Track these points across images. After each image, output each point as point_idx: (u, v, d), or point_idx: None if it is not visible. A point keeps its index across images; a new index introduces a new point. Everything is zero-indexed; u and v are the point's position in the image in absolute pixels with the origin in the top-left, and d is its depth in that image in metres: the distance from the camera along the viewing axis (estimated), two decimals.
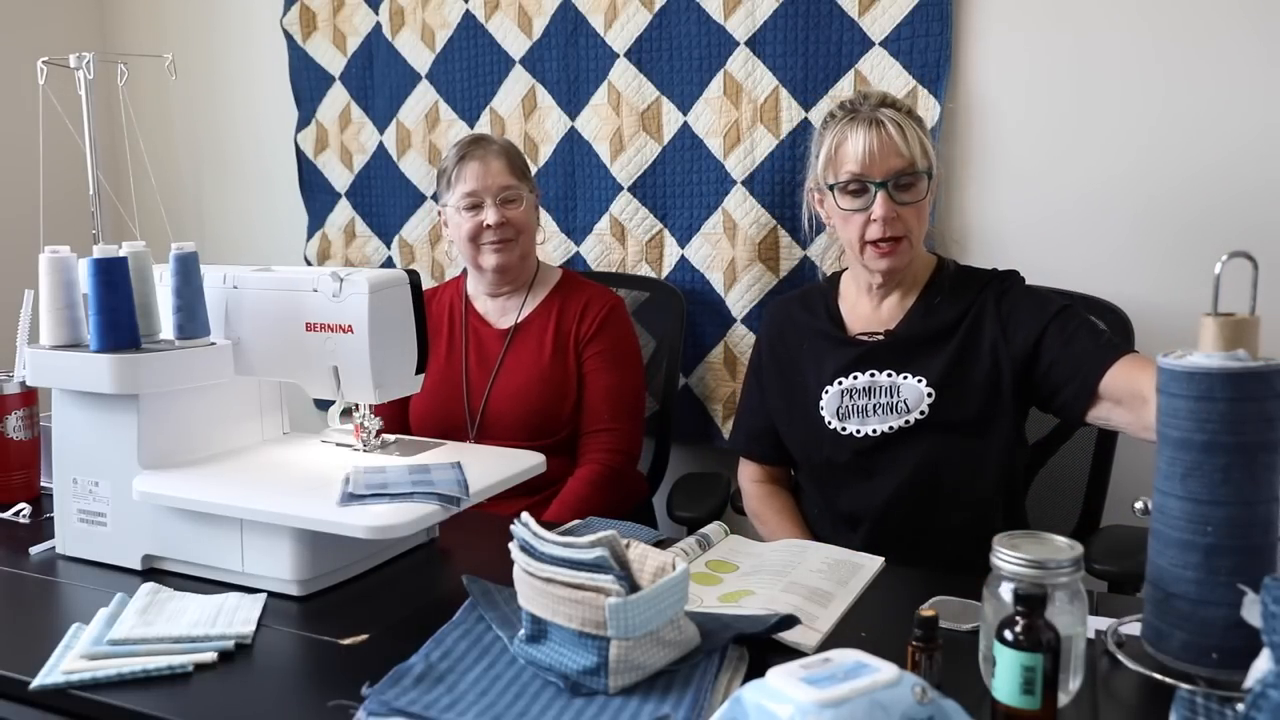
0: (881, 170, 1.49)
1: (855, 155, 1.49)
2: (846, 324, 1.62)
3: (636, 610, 0.94)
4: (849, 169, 1.50)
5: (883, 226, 1.49)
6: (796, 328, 1.66)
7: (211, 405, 1.39)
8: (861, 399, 1.54)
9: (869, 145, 1.48)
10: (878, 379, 1.54)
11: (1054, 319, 1.47)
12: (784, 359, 1.67)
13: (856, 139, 1.49)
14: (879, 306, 1.60)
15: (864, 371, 1.55)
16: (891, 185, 1.49)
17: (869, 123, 1.49)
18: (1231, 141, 1.77)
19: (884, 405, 1.53)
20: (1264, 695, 0.77)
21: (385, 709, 0.93)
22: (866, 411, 1.54)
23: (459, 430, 1.87)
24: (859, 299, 1.63)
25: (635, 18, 2.16)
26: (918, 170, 1.50)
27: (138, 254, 1.35)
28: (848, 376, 1.56)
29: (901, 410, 1.51)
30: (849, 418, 1.55)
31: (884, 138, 1.48)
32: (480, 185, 1.84)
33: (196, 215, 2.88)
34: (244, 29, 2.73)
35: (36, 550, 1.40)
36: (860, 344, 1.57)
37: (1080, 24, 1.85)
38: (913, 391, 1.51)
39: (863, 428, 1.53)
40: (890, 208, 1.49)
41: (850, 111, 1.53)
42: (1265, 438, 0.91)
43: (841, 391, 1.56)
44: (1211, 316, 0.93)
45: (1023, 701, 0.84)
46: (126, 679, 1.02)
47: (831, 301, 1.65)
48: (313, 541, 1.22)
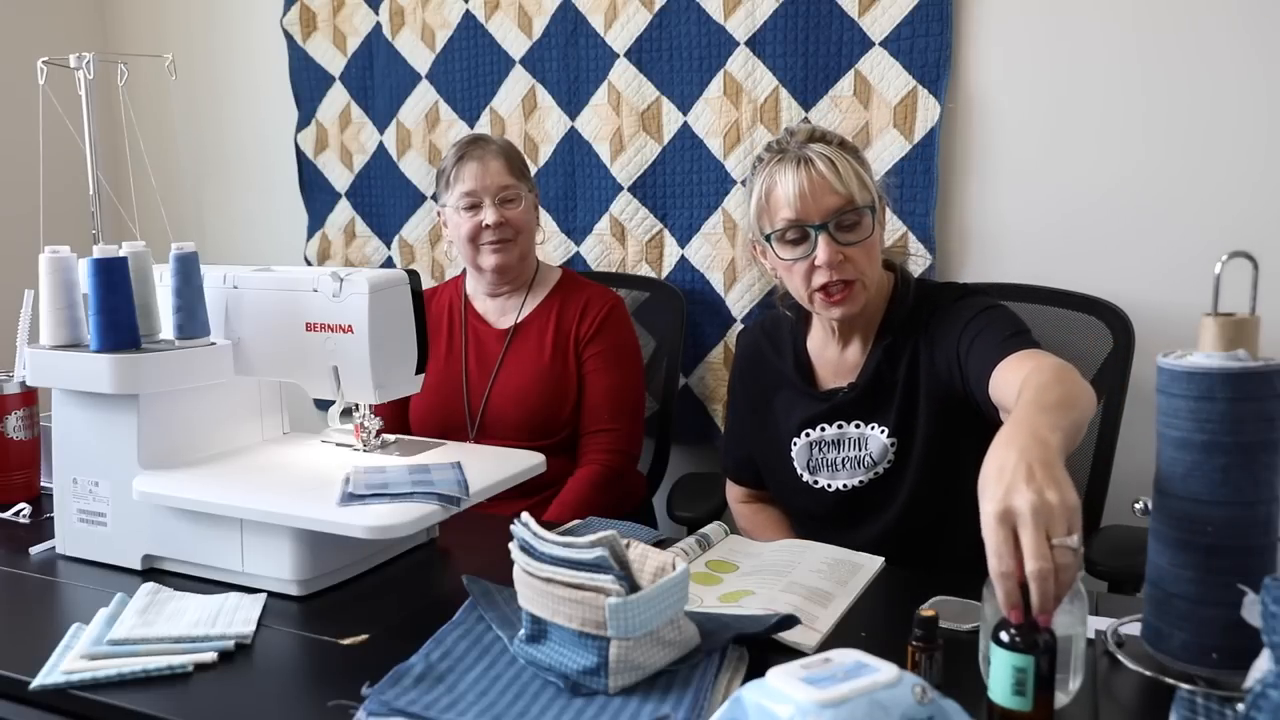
0: (819, 212, 1.37)
1: (787, 199, 1.38)
2: (816, 371, 1.55)
3: (636, 610, 0.94)
4: (784, 215, 1.39)
5: (829, 272, 1.38)
6: (766, 371, 1.60)
7: (211, 405, 1.39)
8: (830, 452, 1.49)
9: (800, 186, 1.37)
10: (845, 430, 1.49)
11: (963, 331, 1.38)
12: (756, 397, 1.61)
13: (786, 181, 1.38)
14: (844, 351, 1.52)
15: (831, 423, 1.50)
16: (833, 226, 1.38)
17: (797, 161, 1.39)
18: (1232, 141, 1.77)
19: (852, 459, 1.48)
20: (1264, 695, 0.77)
21: (385, 709, 0.93)
22: (836, 465, 1.49)
23: (459, 430, 1.87)
24: (826, 342, 1.54)
25: (635, 18, 2.16)
26: (858, 206, 1.39)
27: (138, 254, 1.35)
28: (815, 429, 1.51)
29: (868, 464, 1.47)
30: (819, 471, 1.51)
31: (814, 176, 1.37)
32: (479, 185, 1.84)
33: (196, 215, 2.88)
34: (244, 29, 2.73)
35: (36, 550, 1.40)
36: (827, 397, 1.51)
37: (1080, 24, 1.85)
38: (877, 444, 1.46)
39: (833, 482, 1.49)
40: (834, 251, 1.37)
41: (777, 152, 1.42)
42: (1265, 438, 0.91)
43: (810, 444, 1.51)
44: (1211, 316, 0.93)
45: (1014, 703, 0.85)
46: (126, 679, 1.02)
47: (800, 344, 1.57)
48: (313, 541, 1.22)
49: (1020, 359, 1.26)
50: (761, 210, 1.43)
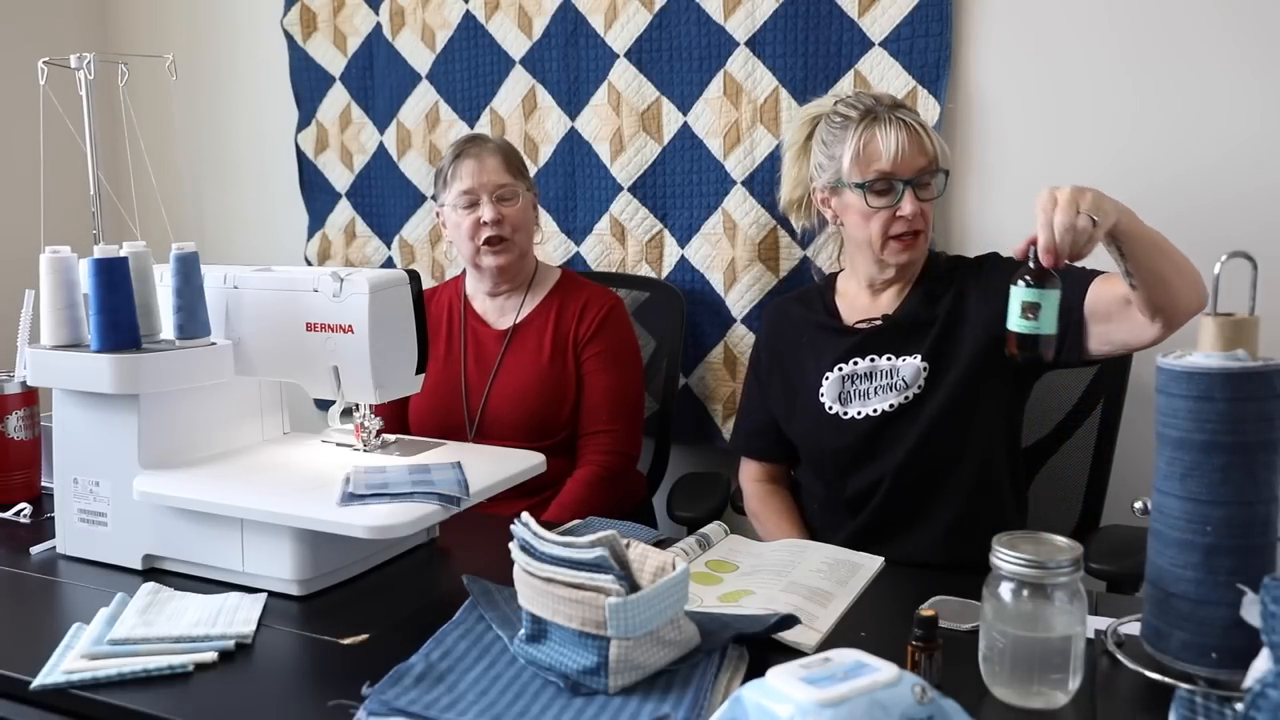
0: (909, 169, 1.53)
1: (887, 154, 1.53)
2: (844, 316, 1.65)
3: (636, 610, 0.94)
4: (878, 168, 1.53)
5: (907, 223, 1.54)
6: (794, 324, 1.69)
7: (212, 405, 1.39)
8: (863, 383, 1.57)
9: (901, 144, 1.52)
10: (877, 363, 1.57)
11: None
12: (783, 355, 1.69)
13: (887, 139, 1.53)
14: (875, 299, 1.63)
15: (864, 357, 1.58)
16: (916, 183, 1.54)
17: (894, 124, 1.54)
18: (1232, 141, 1.77)
19: (884, 386, 1.56)
20: (1263, 695, 0.77)
21: (385, 709, 0.93)
22: (868, 394, 1.57)
23: (458, 431, 1.87)
24: (858, 294, 1.65)
25: (635, 18, 2.16)
26: (938, 169, 1.56)
27: (138, 254, 1.35)
28: (848, 363, 1.59)
29: (900, 388, 1.54)
30: (850, 401, 1.58)
31: (911, 138, 1.53)
32: (476, 183, 1.85)
33: (196, 215, 2.88)
34: (244, 29, 2.73)
35: (37, 550, 1.40)
36: (858, 331, 1.61)
37: (1080, 24, 1.85)
38: (910, 369, 1.55)
39: (864, 409, 1.56)
40: (916, 205, 1.54)
41: (867, 113, 1.56)
42: (1265, 438, 0.91)
43: (842, 377, 1.59)
44: (1211, 316, 0.93)
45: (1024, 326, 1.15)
46: (127, 679, 1.02)
47: (829, 298, 1.68)
48: (313, 541, 1.22)
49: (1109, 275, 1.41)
50: (856, 160, 1.55)
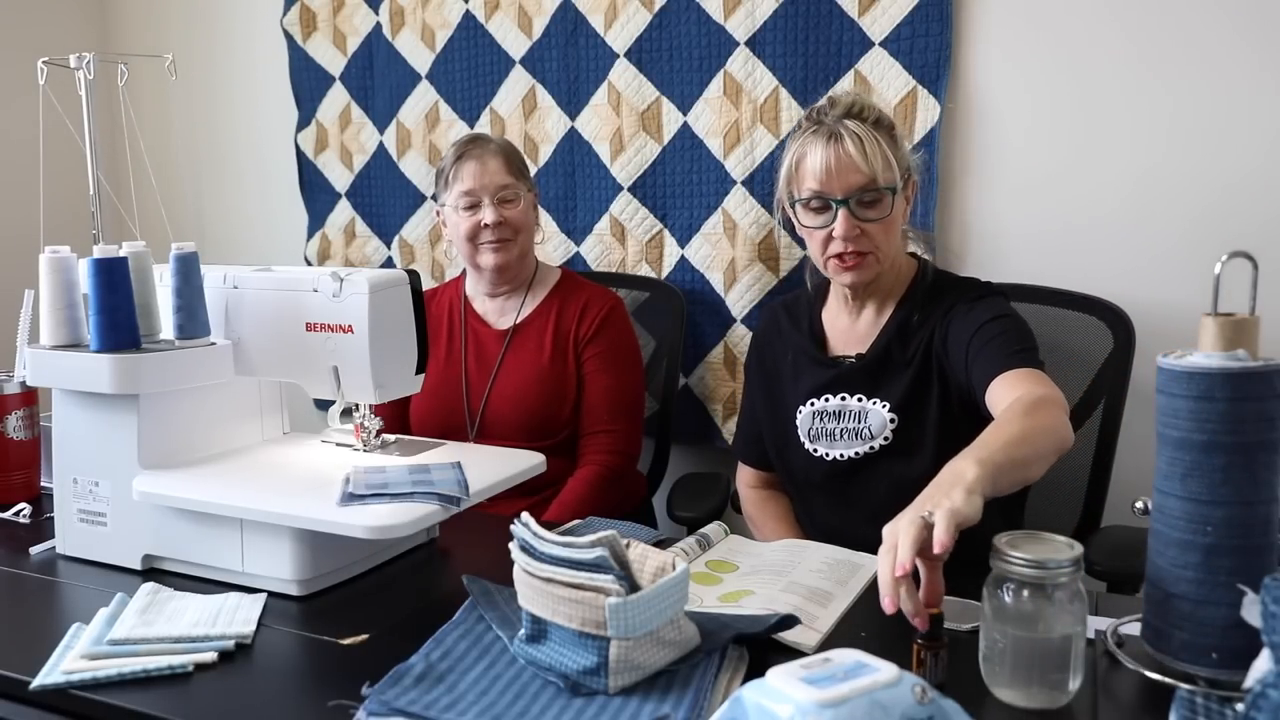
0: (841, 187, 1.43)
1: (814, 172, 1.45)
2: (828, 339, 1.60)
3: (636, 610, 0.94)
4: (809, 185, 1.46)
5: (844, 244, 1.45)
6: (782, 338, 1.65)
7: (211, 405, 1.39)
8: (831, 422, 1.53)
9: (826, 162, 1.43)
10: (848, 403, 1.52)
11: (976, 333, 1.42)
12: (769, 367, 1.66)
13: (815, 155, 1.44)
14: (857, 320, 1.57)
15: (835, 394, 1.53)
16: (854, 202, 1.44)
17: (829, 136, 1.44)
18: (1231, 141, 1.77)
19: (850, 431, 1.51)
20: (1264, 695, 0.77)
21: (385, 709, 0.93)
22: (834, 435, 1.53)
23: (459, 431, 1.87)
24: (840, 311, 1.60)
25: (635, 18, 2.16)
26: (879, 187, 1.44)
27: (138, 254, 1.35)
28: (820, 398, 1.55)
29: (865, 436, 1.50)
30: (819, 440, 1.54)
31: (841, 154, 1.43)
32: (477, 184, 1.84)
33: (196, 215, 2.88)
34: (244, 29, 2.73)
35: (36, 550, 1.40)
36: (834, 365, 1.56)
37: (1080, 24, 1.85)
38: (877, 418, 1.49)
39: (830, 451, 1.53)
40: (851, 225, 1.44)
41: (814, 123, 1.48)
42: (1265, 438, 0.91)
43: (814, 413, 1.55)
44: (1211, 316, 0.93)
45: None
46: (126, 679, 1.02)
47: (816, 313, 1.63)
48: (313, 541, 1.22)
49: (1017, 378, 1.31)
50: (790, 176, 1.50)
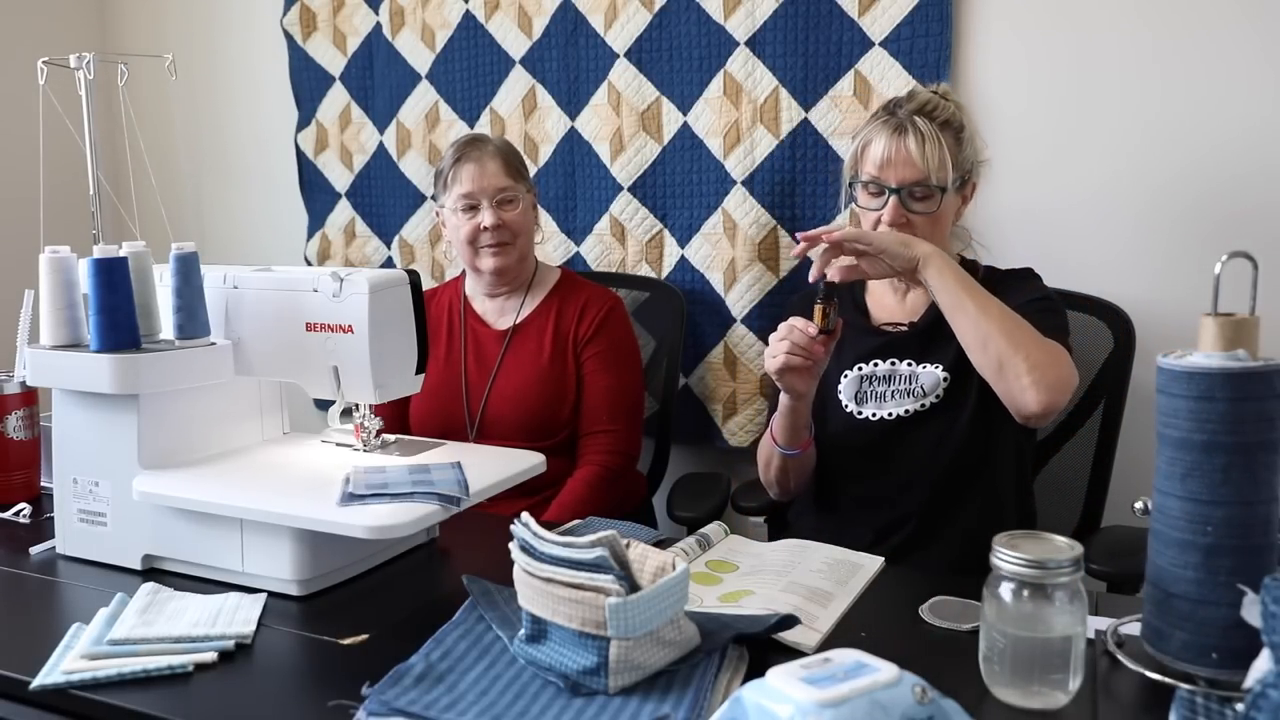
0: (896, 178, 1.51)
1: (874, 159, 1.53)
2: (871, 314, 1.64)
3: (636, 610, 0.94)
4: (869, 170, 1.54)
5: (891, 229, 1.51)
6: None
7: (211, 405, 1.39)
8: (880, 385, 1.57)
9: (886, 152, 1.51)
10: (898, 367, 1.56)
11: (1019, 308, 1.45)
12: None
13: (879, 143, 1.53)
14: (904, 300, 1.62)
15: (885, 360, 1.57)
16: (905, 194, 1.51)
17: (895, 128, 1.52)
18: (1231, 141, 1.77)
19: (901, 391, 1.55)
20: (1264, 695, 0.77)
21: (385, 709, 0.93)
22: (884, 397, 1.56)
23: (459, 432, 1.87)
24: (885, 292, 1.64)
25: (635, 18, 2.16)
26: (931, 184, 1.51)
27: (138, 254, 1.35)
28: (868, 363, 1.58)
29: (918, 395, 1.54)
30: (866, 401, 1.57)
31: (902, 147, 1.51)
32: (476, 187, 1.84)
33: (196, 215, 2.88)
34: (244, 29, 2.73)
35: (36, 550, 1.40)
36: (883, 334, 1.60)
37: (1080, 23, 1.85)
38: (930, 378, 1.53)
39: (879, 411, 1.55)
40: (899, 214, 1.51)
41: (888, 113, 1.55)
42: (1265, 438, 0.91)
43: (860, 377, 1.58)
44: (1211, 316, 0.93)
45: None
46: (126, 679, 1.02)
47: (859, 293, 1.67)
48: (313, 541, 1.22)
49: None
50: (856, 157, 1.58)
